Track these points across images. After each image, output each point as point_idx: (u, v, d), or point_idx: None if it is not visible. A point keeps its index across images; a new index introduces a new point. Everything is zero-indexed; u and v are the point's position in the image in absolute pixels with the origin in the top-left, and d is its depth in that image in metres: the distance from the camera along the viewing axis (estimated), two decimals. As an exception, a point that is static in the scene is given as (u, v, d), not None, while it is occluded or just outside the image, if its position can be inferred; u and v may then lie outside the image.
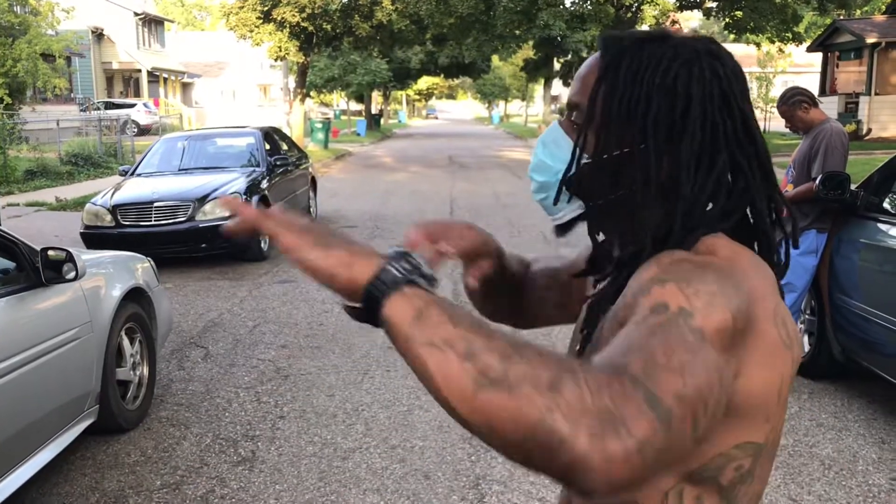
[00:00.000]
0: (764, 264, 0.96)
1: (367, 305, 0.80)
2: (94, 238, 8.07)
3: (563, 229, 1.06)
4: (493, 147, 30.82)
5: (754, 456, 0.91)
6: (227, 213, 7.91)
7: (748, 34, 24.70)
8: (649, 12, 24.94)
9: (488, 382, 0.71)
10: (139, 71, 40.63)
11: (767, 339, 0.86)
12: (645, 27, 27.13)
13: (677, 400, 0.72)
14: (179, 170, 9.72)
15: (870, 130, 21.76)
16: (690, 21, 57.37)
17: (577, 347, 1.09)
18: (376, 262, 0.81)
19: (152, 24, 43.93)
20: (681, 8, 24.92)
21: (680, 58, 0.94)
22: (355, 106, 55.59)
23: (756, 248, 0.99)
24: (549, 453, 0.69)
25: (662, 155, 0.94)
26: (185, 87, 48.93)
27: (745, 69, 1.01)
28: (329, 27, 23.36)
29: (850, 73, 23.94)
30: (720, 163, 0.94)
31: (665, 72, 0.94)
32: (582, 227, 1.05)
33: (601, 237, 1.05)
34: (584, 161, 0.99)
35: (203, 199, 8.28)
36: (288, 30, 23.10)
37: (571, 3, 24.17)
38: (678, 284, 0.83)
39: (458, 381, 0.72)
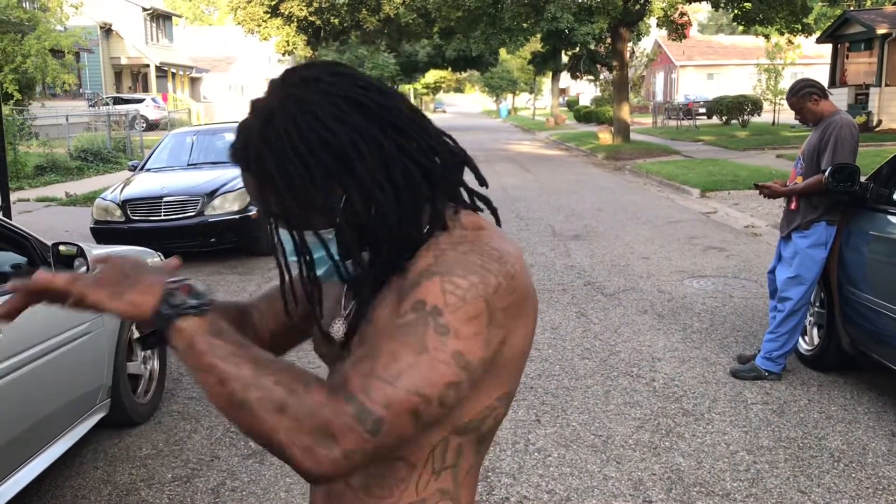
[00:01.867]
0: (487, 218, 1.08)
1: (158, 331, 0.98)
2: (105, 233, 8.11)
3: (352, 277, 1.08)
4: (501, 140, 30.77)
5: (508, 402, 1.07)
6: (235, 208, 7.93)
7: (757, 25, 24.57)
8: (657, 4, 24.81)
9: (236, 404, 0.91)
10: (147, 66, 40.71)
11: (526, 295, 1.01)
12: (653, 19, 27.01)
13: (387, 408, 0.89)
14: (188, 165, 9.75)
15: (880, 122, 21.63)
16: (699, 13, 57.06)
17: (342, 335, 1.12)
18: (157, 295, 0.96)
19: (160, 19, 43.99)
20: (689, 0, 24.79)
21: (287, 109, 0.98)
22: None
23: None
24: (280, 455, 0.91)
25: (353, 190, 0.99)
26: (194, 81, 49.00)
27: (754, 61, 1.00)
28: (337, 21, 23.38)
29: (860, 65, 23.79)
30: (398, 166, 0.99)
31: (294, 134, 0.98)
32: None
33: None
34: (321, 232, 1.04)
35: (212, 194, 8.31)
36: (296, 24, 23.13)
37: (579, -5, 24.06)
38: (441, 279, 0.94)
39: (217, 400, 0.92)
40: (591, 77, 36.41)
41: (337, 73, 1.01)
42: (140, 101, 33.26)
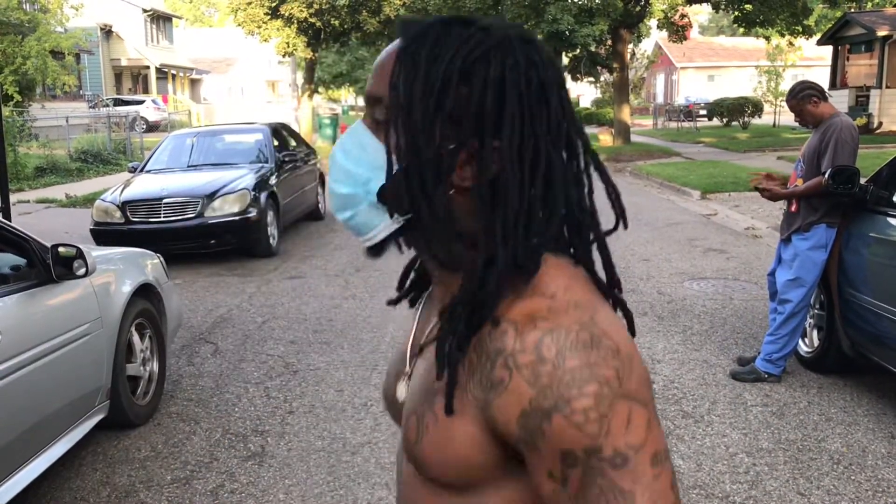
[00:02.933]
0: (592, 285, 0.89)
1: None
2: (104, 234, 8.11)
3: (376, 251, 0.92)
4: (502, 142, 30.74)
5: None
6: (235, 210, 7.94)
7: (758, 27, 24.56)
8: (658, 6, 24.81)
9: None
10: (148, 67, 40.74)
11: (636, 353, 0.83)
12: (654, 21, 27.02)
13: None
14: (188, 166, 9.75)
15: (881, 124, 21.62)
16: (699, 15, 57.08)
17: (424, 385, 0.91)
18: None
19: (160, 20, 44.02)
20: (689, 1, 24.79)
21: (490, 41, 0.83)
22: (364, 102, 55.49)
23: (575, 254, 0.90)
24: None
25: (484, 151, 0.83)
26: (194, 83, 49.03)
27: (754, 63, 0.95)
28: (337, 23, 23.37)
29: (860, 67, 23.77)
30: (543, 161, 0.84)
31: (475, 55, 0.82)
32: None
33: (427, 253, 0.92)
34: (396, 166, 0.85)
35: (212, 196, 8.31)
36: (296, 25, 23.12)
37: (579, -3, 24.07)
38: (562, 416, 0.76)
39: None
40: (592, 79, 36.28)
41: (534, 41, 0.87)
42: (140, 102, 33.28)
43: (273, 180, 9.24)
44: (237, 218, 8.25)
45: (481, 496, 0.85)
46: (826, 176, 4.19)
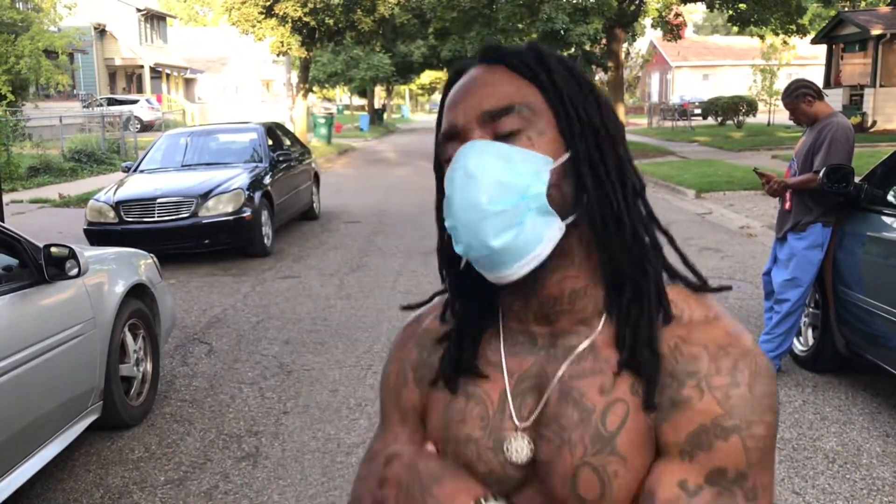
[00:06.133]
0: None
1: None
2: (98, 234, 8.08)
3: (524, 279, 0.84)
4: (497, 141, 30.72)
5: None
6: (229, 210, 7.92)
7: (752, 26, 24.60)
8: (652, 5, 24.85)
9: None
10: (142, 67, 40.64)
11: None
12: (648, 20, 27.05)
13: None
14: (182, 166, 9.73)
15: (875, 122, 21.68)
16: (694, 14, 57.14)
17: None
18: None
19: (154, 19, 43.91)
20: (684, 0, 24.82)
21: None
22: (358, 101, 55.54)
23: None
24: None
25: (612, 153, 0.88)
26: (188, 82, 48.92)
27: (749, 62, 0.98)
28: (331, 22, 23.32)
29: (854, 66, 23.83)
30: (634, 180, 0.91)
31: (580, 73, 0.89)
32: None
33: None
34: (556, 164, 0.84)
35: (206, 196, 8.28)
36: (290, 25, 23.07)
37: (574, -4, 24.08)
38: (740, 437, 0.79)
39: None
40: (587, 78, 36.43)
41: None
42: (134, 102, 33.20)
43: (267, 180, 9.22)
44: (231, 218, 8.22)
45: None
46: (820, 175, 4.19)
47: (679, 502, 0.79)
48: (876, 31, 21.88)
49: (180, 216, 8.19)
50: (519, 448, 0.86)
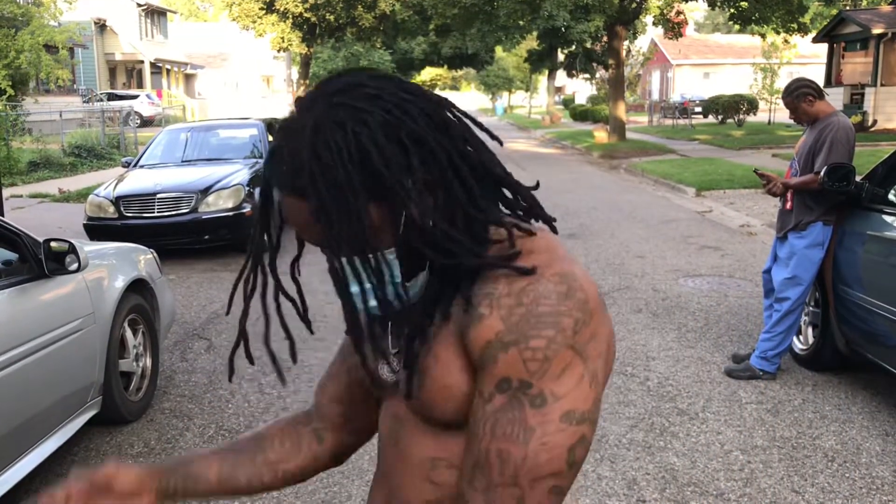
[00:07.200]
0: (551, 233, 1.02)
1: None
2: (98, 229, 8.08)
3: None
4: (497, 138, 30.71)
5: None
6: (229, 205, 7.89)
7: (753, 25, 24.57)
8: (654, 3, 24.81)
9: None
10: (142, 62, 40.59)
11: (600, 309, 0.96)
12: (649, 18, 27.02)
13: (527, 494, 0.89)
14: (182, 161, 9.72)
15: (875, 122, 21.67)
16: (695, 12, 57.08)
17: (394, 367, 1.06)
18: None
19: (155, 14, 43.85)
20: (685, -2, 24.79)
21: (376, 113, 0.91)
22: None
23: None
24: None
25: (410, 201, 0.92)
26: (188, 78, 48.87)
27: (750, 60, 0.97)
28: (332, 18, 23.31)
29: (855, 64, 23.81)
30: (453, 175, 0.94)
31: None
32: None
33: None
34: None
35: (206, 191, 8.28)
36: (291, 20, 23.05)
37: (575, -7, 24.03)
38: (518, 349, 0.89)
39: None
40: (587, 75, 36.42)
41: (378, 77, 0.95)
42: (134, 97, 33.19)
43: (267, 176, 9.20)
44: (231, 213, 8.22)
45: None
46: (821, 174, 4.19)
47: (478, 409, 0.92)
48: (877, 30, 21.86)
49: (180, 211, 8.18)
50: (384, 372, 1.07)
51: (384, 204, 0.92)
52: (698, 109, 32.69)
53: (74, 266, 3.55)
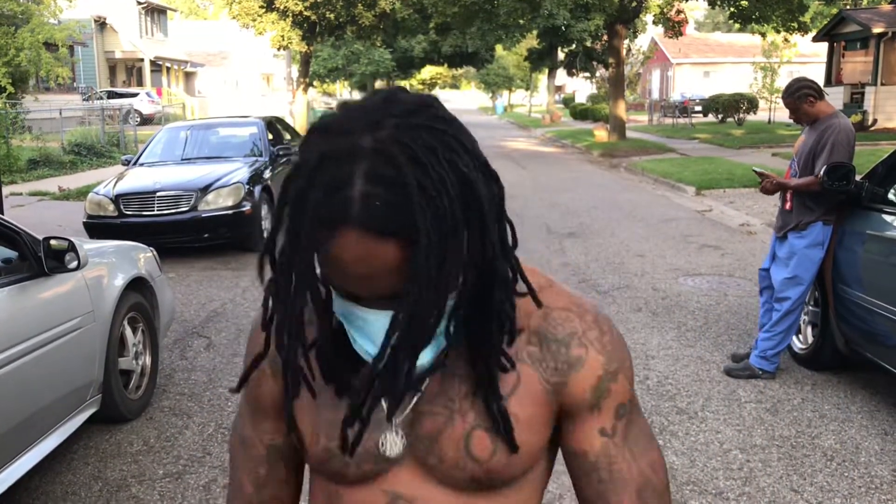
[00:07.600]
0: None
1: None
2: (97, 228, 8.08)
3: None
4: (497, 137, 30.75)
5: None
6: (229, 204, 7.88)
7: (753, 24, 24.56)
8: (654, 1, 24.80)
9: None
10: (142, 60, 40.57)
11: None
12: (650, 16, 27.01)
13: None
14: (182, 159, 9.71)
15: (875, 121, 21.66)
16: (695, 11, 57.06)
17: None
18: None
19: (155, 12, 43.82)
20: (685, -3, 24.78)
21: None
22: (358, 96, 55.45)
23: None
24: None
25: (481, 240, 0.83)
26: (188, 76, 48.85)
27: (750, 59, 0.98)
28: (332, 16, 23.28)
29: (855, 64, 23.79)
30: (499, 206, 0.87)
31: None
32: None
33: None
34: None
35: (206, 189, 8.28)
36: (291, 19, 23.03)
37: (576, -9, 24.02)
38: (623, 374, 0.95)
39: None
40: (587, 74, 36.38)
41: (416, 95, 0.83)
42: (134, 95, 33.18)
43: (267, 174, 9.21)
44: (231, 212, 8.22)
45: (507, 495, 0.95)
46: (821, 173, 4.19)
47: (607, 447, 0.94)
48: (877, 30, 21.85)
49: (180, 210, 8.18)
50: (392, 443, 0.92)
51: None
52: (698, 108, 32.68)
53: (74, 264, 3.55)
